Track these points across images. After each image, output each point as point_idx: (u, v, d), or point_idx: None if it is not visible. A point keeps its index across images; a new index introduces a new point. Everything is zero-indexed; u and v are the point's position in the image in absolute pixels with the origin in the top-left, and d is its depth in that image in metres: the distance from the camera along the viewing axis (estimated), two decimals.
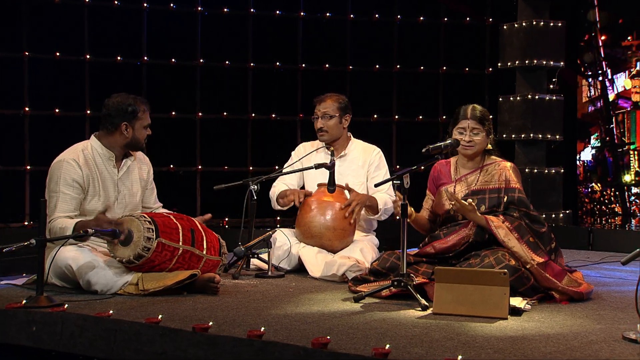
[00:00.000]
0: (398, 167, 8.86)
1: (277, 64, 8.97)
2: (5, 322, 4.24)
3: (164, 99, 8.63)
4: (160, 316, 4.02)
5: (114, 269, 4.85)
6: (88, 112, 8.51)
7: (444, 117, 9.34)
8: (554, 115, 9.00)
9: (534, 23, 8.80)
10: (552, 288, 4.62)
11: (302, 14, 8.97)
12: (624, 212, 10.02)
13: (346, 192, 5.82)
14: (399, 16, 9.19)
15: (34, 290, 4.94)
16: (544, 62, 8.87)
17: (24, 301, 4.38)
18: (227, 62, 8.84)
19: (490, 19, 9.40)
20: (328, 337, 3.54)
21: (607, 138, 10.26)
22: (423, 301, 4.39)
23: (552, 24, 8.91)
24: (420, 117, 9.26)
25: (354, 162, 6.07)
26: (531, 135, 8.82)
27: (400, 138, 9.01)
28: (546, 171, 8.92)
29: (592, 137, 10.44)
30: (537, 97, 8.83)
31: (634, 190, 9.89)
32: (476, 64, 9.45)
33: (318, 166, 5.68)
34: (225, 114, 8.83)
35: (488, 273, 4.24)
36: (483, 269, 4.34)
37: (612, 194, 10.19)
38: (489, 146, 5.08)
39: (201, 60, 8.74)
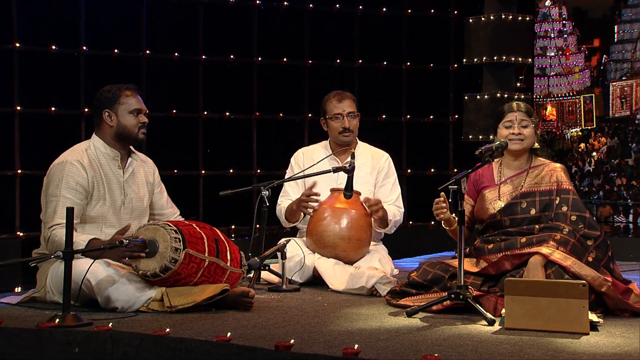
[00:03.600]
0: None
1: (231, 57, 8.99)
2: (41, 343, 4.17)
3: None
4: (229, 334, 4.05)
5: (136, 284, 4.83)
6: (18, 108, 8.30)
7: (408, 116, 9.55)
8: None
9: (503, 17, 9.11)
10: (626, 310, 4.77)
11: (257, 2, 9.01)
12: None
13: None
14: (360, 7, 9.34)
15: (33, 308, 4.92)
16: (513, 59, 9.20)
17: (57, 320, 4.33)
18: (176, 55, 8.80)
19: (455, 12, 9.65)
20: (436, 355, 3.66)
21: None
22: (489, 315, 4.54)
23: (520, 18, 9.25)
24: (384, 116, 9.43)
25: (362, 168, 6.18)
26: None
27: (364, 138, 9.13)
28: None
29: None
30: (505, 95, 9.15)
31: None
32: (441, 60, 9.68)
33: (336, 170, 5.77)
34: (174, 111, 8.79)
35: (564, 284, 4.39)
36: (558, 280, 4.52)
37: None
38: (536, 144, 5.24)
39: (147, 52, 8.68)
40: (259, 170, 8.98)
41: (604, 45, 10.40)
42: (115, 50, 8.59)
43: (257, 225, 5.72)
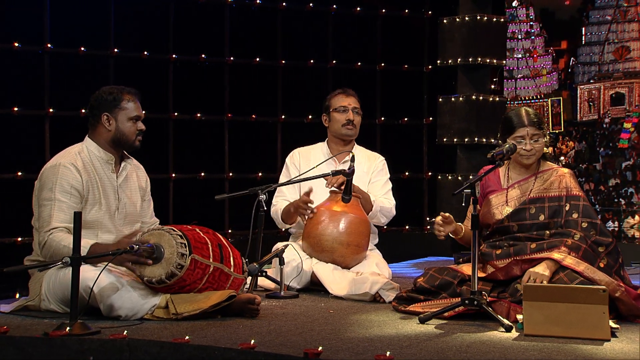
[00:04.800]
0: None
1: (203, 56, 8.97)
2: (53, 352, 4.18)
3: (70, 93, 8.44)
4: (252, 341, 4.08)
5: (139, 291, 4.84)
6: None
7: (382, 118, 9.62)
8: (497, 117, 9.47)
9: (478, 18, 9.25)
10: (639, 315, 4.89)
11: (229, 0, 9.03)
12: None
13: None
14: (334, 6, 9.40)
15: (30, 317, 4.91)
16: (487, 60, 9.34)
17: (68, 329, 4.32)
18: (145, 53, 8.75)
19: (430, 12, 9.75)
20: None
21: None
22: (506, 321, 4.64)
23: (494, 20, 9.39)
24: None
25: (358, 168, 6.23)
26: (475, 139, 9.25)
27: None
28: None
29: None
30: (481, 97, 9.28)
31: None
32: (415, 61, 9.77)
33: (336, 173, 5.84)
34: (143, 112, 8.72)
35: (584, 290, 4.50)
36: (578, 286, 4.63)
37: None
38: (544, 149, 5.34)
39: (115, 50, 8.61)
40: (230, 174, 8.97)
41: (571, 47, 10.58)
42: (82, 48, 8.50)
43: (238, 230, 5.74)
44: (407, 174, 9.57)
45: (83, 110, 8.35)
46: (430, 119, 9.66)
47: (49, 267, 4.65)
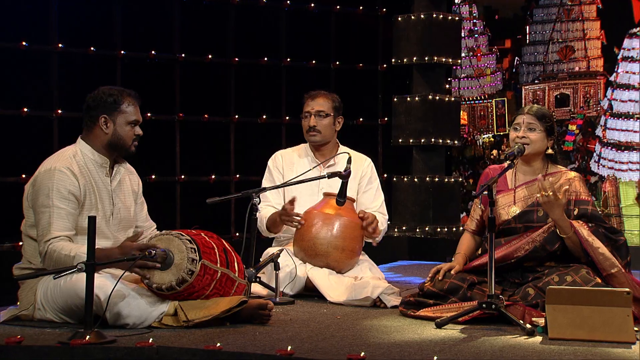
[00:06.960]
0: None
1: (152, 52, 8.98)
2: None
3: (10, 90, 8.38)
4: (289, 347, 4.19)
5: (147, 298, 4.90)
6: None
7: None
8: (453, 118, 9.77)
9: (434, 16, 9.51)
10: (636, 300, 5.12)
11: None
12: None
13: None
14: (288, 2, 9.50)
15: (27, 327, 4.91)
16: (443, 59, 9.61)
17: (87, 337, 4.37)
18: (92, 49, 8.71)
19: (384, 9, 9.93)
20: None
21: None
22: (528, 326, 4.83)
23: (450, 18, 9.67)
24: None
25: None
26: (432, 140, 9.50)
27: (291, 142, 9.31)
28: (446, 180, 9.64)
29: None
30: (437, 97, 9.54)
31: None
32: (370, 59, 9.93)
33: (331, 175, 5.95)
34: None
35: (607, 292, 4.72)
36: (601, 288, 4.85)
37: None
38: (550, 151, 5.55)
39: (59, 45, 8.55)
40: (182, 176, 9.01)
41: (515, 46, 10.85)
42: (23, 43, 8.41)
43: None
44: None
45: (25, 110, 8.31)
46: (386, 119, 9.85)
47: (62, 275, 4.66)
